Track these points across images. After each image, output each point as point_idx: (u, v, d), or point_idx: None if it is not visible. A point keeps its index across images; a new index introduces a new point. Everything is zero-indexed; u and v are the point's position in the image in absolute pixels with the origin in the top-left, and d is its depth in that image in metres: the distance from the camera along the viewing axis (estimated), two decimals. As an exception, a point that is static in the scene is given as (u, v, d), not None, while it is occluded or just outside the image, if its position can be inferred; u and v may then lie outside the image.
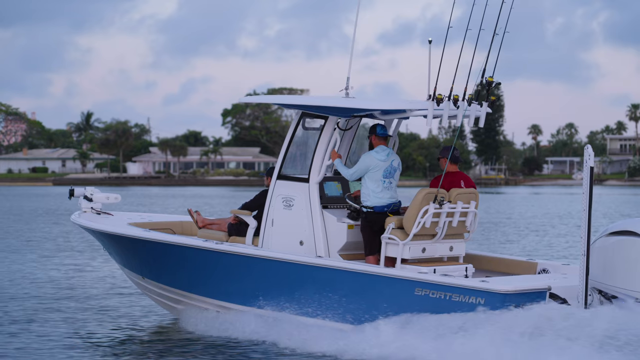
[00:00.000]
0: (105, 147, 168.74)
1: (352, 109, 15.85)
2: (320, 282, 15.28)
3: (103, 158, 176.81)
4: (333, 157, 16.11)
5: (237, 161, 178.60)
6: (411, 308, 14.41)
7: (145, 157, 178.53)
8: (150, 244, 16.93)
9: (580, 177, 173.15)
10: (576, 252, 34.26)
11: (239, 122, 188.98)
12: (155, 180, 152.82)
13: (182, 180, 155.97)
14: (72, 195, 19.19)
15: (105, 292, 22.39)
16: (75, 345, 16.06)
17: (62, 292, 22.20)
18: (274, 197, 16.50)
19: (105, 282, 24.21)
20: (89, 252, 32.15)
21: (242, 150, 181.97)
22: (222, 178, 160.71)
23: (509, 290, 13.86)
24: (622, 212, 65.30)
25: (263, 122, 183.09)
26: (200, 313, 16.94)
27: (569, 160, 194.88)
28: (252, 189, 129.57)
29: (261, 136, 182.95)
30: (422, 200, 15.24)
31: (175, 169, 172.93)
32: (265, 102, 17.35)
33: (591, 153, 13.69)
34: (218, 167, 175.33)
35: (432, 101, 15.09)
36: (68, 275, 25.75)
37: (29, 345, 16.05)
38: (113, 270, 26.30)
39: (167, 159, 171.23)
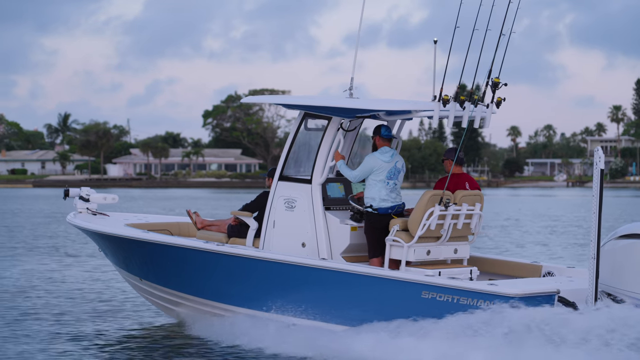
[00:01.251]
0: (86, 148, 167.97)
1: (356, 110, 15.67)
2: (325, 285, 15.08)
3: (83, 160, 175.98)
4: (336, 159, 15.94)
5: (219, 163, 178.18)
6: (418, 311, 14.24)
7: (126, 159, 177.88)
8: (150, 246, 16.69)
9: (562, 179, 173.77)
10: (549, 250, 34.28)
11: (220, 123, 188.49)
12: (137, 182, 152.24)
13: (164, 182, 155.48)
14: (67, 195, 18.94)
15: (99, 294, 22.15)
16: (68, 350, 15.83)
17: (59, 293, 21.96)
18: (275, 198, 16.30)
19: (99, 282, 23.97)
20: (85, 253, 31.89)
21: (223, 152, 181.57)
22: (204, 180, 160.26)
23: (518, 294, 13.70)
24: (612, 214, 65.40)
25: (244, 123, 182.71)
26: (201, 316, 16.74)
27: (549, 162, 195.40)
28: (235, 191, 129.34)
29: (243, 137, 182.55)
30: (427, 202, 15.08)
31: (157, 171, 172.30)
32: (269, 102, 17.09)
33: (601, 155, 13.56)
34: (199, 169, 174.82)
35: (439, 102, 14.93)
36: (64, 276, 25.50)
37: (26, 349, 15.81)
38: (108, 270, 26.07)
39: (149, 160, 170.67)
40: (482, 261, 16.45)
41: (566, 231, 46.88)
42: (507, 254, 33.38)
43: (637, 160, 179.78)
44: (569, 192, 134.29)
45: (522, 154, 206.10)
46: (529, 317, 13.24)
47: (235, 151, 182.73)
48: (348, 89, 16.16)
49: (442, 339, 13.57)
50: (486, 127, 15.52)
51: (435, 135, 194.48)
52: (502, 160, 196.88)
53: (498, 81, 15.03)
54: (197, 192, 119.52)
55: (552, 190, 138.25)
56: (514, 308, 13.45)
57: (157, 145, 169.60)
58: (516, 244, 38.59)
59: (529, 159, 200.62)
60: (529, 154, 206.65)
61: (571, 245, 38.36)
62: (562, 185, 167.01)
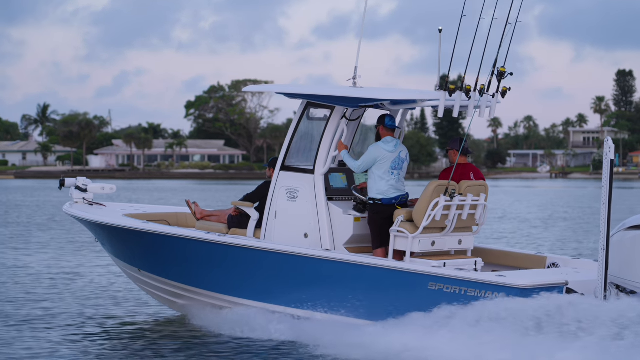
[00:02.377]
0: (68, 139, 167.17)
1: (360, 99, 15.49)
2: (329, 276, 14.93)
3: (65, 151, 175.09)
4: (340, 148, 15.78)
5: (202, 154, 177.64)
6: (424, 303, 14.11)
7: (108, 150, 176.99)
8: (150, 236, 16.49)
9: (546, 170, 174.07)
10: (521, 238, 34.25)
11: (202, 114, 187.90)
12: (120, 173, 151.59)
13: (147, 174, 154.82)
14: (62, 185, 18.70)
15: (99, 288, 21.97)
16: (67, 344, 15.65)
17: (57, 288, 21.76)
18: (277, 188, 16.12)
19: (99, 275, 23.79)
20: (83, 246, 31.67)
21: (206, 143, 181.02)
22: (187, 171, 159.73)
23: (527, 285, 13.60)
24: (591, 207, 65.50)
25: (227, 114, 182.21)
26: (201, 307, 16.57)
27: (531, 153, 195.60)
28: (219, 182, 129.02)
29: (226, 129, 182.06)
30: (432, 192, 14.95)
31: (139, 162, 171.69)
32: (269, 91, 16.87)
33: (611, 146, 13.44)
34: (182, 160, 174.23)
35: (444, 91, 14.78)
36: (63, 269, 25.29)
37: (27, 343, 15.62)
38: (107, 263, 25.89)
39: (132, 151, 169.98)
40: (485, 252, 16.32)
41: (557, 223, 46.88)
42: (507, 244, 33.28)
43: (620, 152, 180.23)
44: (553, 183, 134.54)
45: (504, 145, 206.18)
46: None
47: (218, 142, 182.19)
48: (352, 78, 15.98)
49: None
50: (491, 117, 15.40)
51: (417, 126, 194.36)
52: (484, 151, 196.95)
53: (504, 70, 14.89)
54: (182, 184, 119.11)
55: (536, 182, 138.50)
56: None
57: (140, 136, 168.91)
58: (513, 235, 38.53)
59: (510, 150, 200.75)
60: (510, 145, 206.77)
61: (567, 237, 38.35)
62: (546, 176, 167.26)
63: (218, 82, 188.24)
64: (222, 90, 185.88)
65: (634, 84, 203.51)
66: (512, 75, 15.00)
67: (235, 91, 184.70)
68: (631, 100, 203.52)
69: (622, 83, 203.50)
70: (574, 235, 38.89)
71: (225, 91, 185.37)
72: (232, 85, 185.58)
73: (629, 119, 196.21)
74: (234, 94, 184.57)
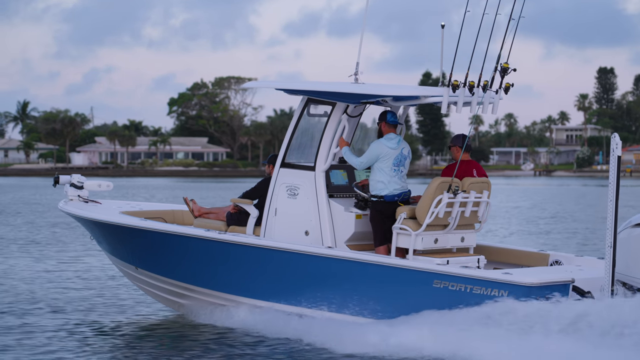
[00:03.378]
0: (51, 136, 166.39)
1: (362, 95, 15.34)
2: (332, 274, 14.78)
3: (47, 148, 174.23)
4: (341, 145, 15.64)
5: (186, 151, 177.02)
6: (428, 301, 13.98)
7: (90, 147, 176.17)
8: (149, 234, 16.30)
9: (530, 168, 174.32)
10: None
11: (185, 111, 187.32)
12: (103, 170, 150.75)
13: (131, 171, 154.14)
14: (57, 182, 18.50)
15: (94, 285, 21.77)
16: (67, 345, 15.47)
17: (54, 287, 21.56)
18: (277, 185, 15.97)
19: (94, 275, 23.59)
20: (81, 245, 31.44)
21: (189, 141, 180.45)
22: (171, 169, 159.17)
23: (534, 283, 13.47)
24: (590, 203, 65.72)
25: (211, 111, 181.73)
26: (200, 305, 16.41)
27: (514, 150, 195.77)
28: (203, 180, 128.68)
29: (209, 126, 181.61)
30: (436, 189, 14.82)
31: (123, 160, 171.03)
32: (270, 87, 16.66)
33: (619, 142, 13.35)
34: (166, 158, 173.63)
35: (448, 87, 14.65)
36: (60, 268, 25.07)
37: (23, 342, 15.42)
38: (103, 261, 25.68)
39: (115, 149, 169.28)
40: (487, 249, 16.20)
41: (550, 222, 46.92)
42: (508, 242, 33.21)
43: (603, 150, 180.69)
44: (539, 181, 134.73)
45: (485, 143, 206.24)
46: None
47: (202, 139, 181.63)
48: (353, 74, 15.84)
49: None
50: (494, 113, 15.27)
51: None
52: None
53: (507, 66, 14.77)
54: (167, 182, 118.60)
55: (521, 180, 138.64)
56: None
57: (124, 133, 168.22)
58: (509, 233, 38.52)
59: (493, 148, 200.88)
60: (492, 142, 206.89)
61: (564, 235, 38.36)
62: (530, 174, 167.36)
63: (201, 79, 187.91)
64: (205, 87, 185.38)
65: (615, 81, 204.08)
66: (515, 71, 14.90)
67: (219, 88, 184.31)
68: (612, 97, 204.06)
69: (603, 80, 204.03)
70: (571, 234, 38.91)
71: (209, 88, 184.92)
72: (216, 82, 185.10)
73: (610, 116, 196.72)
74: (217, 91, 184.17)
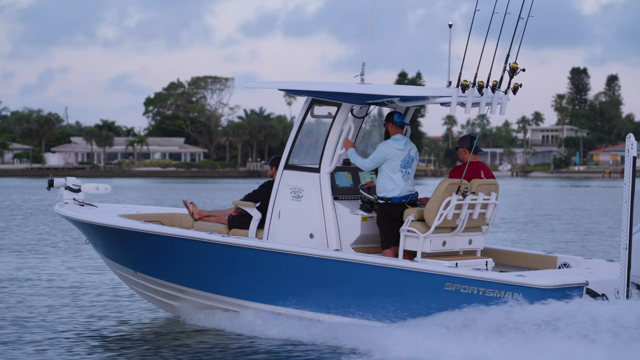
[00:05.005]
0: (27, 136, 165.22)
1: (370, 96, 15.11)
2: (342, 277, 14.53)
3: (23, 148, 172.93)
4: (346, 147, 15.40)
5: (163, 152, 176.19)
6: (440, 304, 13.76)
7: (66, 148, 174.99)
8: (152, 237, 15.98)
9: (507, 169, 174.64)
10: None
11: (161, 111, 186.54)
12: (80, 171, 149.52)
13: (108, 171, 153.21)
14: (51, 186, 18.19)
15: (90, 289, 21.45)
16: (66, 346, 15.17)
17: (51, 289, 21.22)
18: (280, 187, 15.71)
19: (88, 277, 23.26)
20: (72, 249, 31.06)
21: (166, 141, 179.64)
22: (149, 169, 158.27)
23: (548, 285, 13.27)
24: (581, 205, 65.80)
25: (187, 111, 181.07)
26: (202, 309, 16.14)
27: (489, 151, 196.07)
28: (182, 181, 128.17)
29: (186, 126, 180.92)
30: (444, 191, 14.61)
31: (99, 160, 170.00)
32: (275, 87, 16.36)
33: (634, 142, 13.17)
34: (143, 158, 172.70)
35: (457, 87, 14.44)
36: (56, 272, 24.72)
37: (19, 347, 15.11)
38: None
39: (92, 149, 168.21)
40: (493, 252, 16.00)
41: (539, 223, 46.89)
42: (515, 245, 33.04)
43: (580, 150, 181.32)
44: (517, 182, 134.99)
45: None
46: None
47: (179, 140, 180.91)
48: (359, 75, 15.60)
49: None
50: (502, 114, 15.08)
51: (375, 123, 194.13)
52: (441, 150, 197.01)
53: (516, 66, 14.57)
54: (145, 182, 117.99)
55: (499, 180, 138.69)
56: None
57: (101, 133, 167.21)
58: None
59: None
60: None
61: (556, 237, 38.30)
62: (507, 175, 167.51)
63: (178, 79, 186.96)
64: (181, 86, 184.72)
65: (589, 81, 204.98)
66: (524, 72, 14.72)
67: (195, 88, 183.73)
68: (585, 98, 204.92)
69: (576, 81, 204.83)
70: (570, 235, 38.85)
71: (185, 88, 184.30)
72: (192, 82, 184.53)
73: (583, 116, 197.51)
74: (194, 90, 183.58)
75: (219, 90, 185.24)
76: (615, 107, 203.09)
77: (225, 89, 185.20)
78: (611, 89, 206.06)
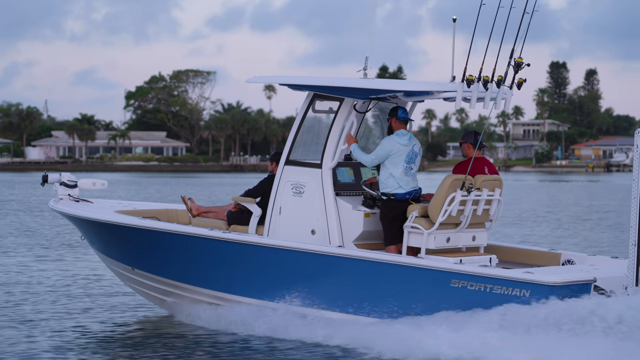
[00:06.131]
0: (8, 130, 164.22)
1: (373, 90, 14.94)
2: (346, 274, 14.38)
3: (2, 142, 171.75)
4: (349, 142, 15.24)
5: (144, 146, 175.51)
6: (446, 301, 13.62)
7: (47, 142, 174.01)
8: (152, 233, 15.78)
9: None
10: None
11: (142, 105, 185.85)
12: (62, 165, 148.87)
13: (90, 166, 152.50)
14: (45, 181, 17.93)
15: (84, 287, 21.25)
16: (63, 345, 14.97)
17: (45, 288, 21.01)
18: (281, 183, 15.54)
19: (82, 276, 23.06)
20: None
21: (148, 135, 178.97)
22: (131, 163, 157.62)
23: (557, 282, 13.14)
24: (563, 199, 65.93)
25: (169, 105, 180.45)
26: (202, 306, 15.95)
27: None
28: (165, 175, 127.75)
29: (167, 120, 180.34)
30: (449, 187, 14.47)
31: (81, 154, 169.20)
32: (276, 82, 16.18)
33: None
34: (125, 152, 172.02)
35: (462, 82, 14.30)
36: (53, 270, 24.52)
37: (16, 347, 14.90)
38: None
39: (74, 143, 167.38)
40: (496, 249, 15.87)
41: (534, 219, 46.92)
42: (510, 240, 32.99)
43: (562, 144, 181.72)
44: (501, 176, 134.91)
45: (439, 138, 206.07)
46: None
47: (160, 134, 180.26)
48: (362, 69, 15.45)
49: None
50: (507, 109, 14.98)
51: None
52: (423, 144, 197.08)
53: (521, 61, 14.44)
54: (128, 176, 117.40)
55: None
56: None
57: (83, 127, 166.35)
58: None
59: (449, 143, 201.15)
60: (447, 137, 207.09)
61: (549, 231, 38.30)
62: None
63: (159, 72, 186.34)
64: (163, 80, 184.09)
65: (568, 75, 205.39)
66: (529, 67, 14.60)
67: (177, 81, 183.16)
68: (565, 92, 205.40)
69: (555, 75, 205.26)
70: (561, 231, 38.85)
71: (167, 81, 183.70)
72: (174, 76, 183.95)
73: (562, 110, 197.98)
74: (175, 84, 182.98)
75: (201, 84, 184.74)
76: (594, 102, 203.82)
77: (207, 83, 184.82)
78: (590, 83, 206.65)
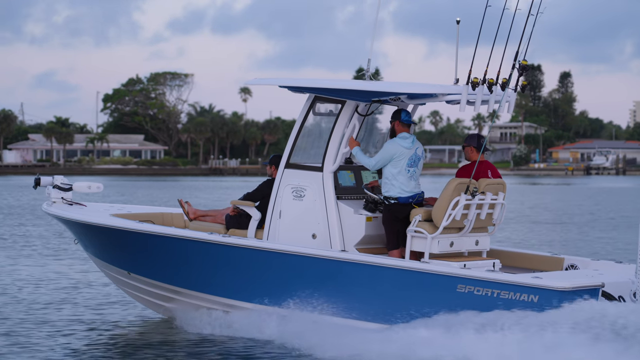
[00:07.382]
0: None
1: (376, 93, 14.77)
2: (349, 279, 14.18)
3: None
4: (351, 145, 15.06)
5: (122, 149, 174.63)
6: (452, 306, 13.45)
7: (24, 145, 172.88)
8: (150, 238, 15.54)
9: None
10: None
11: (119, 108, 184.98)
12: (39, 169, 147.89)
13: (68, 169, 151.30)
14: (38, 184, 17.67)
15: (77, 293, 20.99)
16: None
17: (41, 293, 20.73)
18: (281, 186, 15.35)
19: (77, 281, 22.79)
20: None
21: (125, 138, 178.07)
22: (109, 167, 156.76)
23: (566, 287, 12.99)
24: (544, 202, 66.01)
25: (147, 107, 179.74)
26: (203, 312, 15.73)
27: (447, 148, 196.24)
28: (143, 179, 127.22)
29: (145, 122, 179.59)
30: (453, 190, 14.31)
31: (59, 157, 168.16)
32: (277, 84, 15.96)
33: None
34: (103, 156, 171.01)
35: (467, 85, 14.15)
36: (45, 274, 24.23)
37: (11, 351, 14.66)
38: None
39: (52, 146, 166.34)
40: (499, 253, 15.72)
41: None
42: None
43: (540, 147, 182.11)
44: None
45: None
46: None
47: (138, 137, 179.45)
48: (365, 71, 15.27)
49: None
50: (510, 112, 14.84)
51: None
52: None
53: (526, 64, 14.31)
54: (107, 180, 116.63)
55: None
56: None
57: (61, 130, 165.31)
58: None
59: (426, 146, 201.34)
60: (423, 140, 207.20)
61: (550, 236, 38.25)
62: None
63: (137, 75, 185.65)
64: (140, 82, 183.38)
65: (543, 78, 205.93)
66: (533, 69, 14.51)
67: (154, 84, 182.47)
68: (539, 95, 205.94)
69: (530, 77, 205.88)
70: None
71: (144, 84, 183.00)
72: (151, 78, 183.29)
73: (538, 113, 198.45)
74: (153, 86, 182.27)
75: (178, 87, 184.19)
76: (569, 104, 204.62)
77: (184, 85, 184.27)
78: (564, 86, 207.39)
